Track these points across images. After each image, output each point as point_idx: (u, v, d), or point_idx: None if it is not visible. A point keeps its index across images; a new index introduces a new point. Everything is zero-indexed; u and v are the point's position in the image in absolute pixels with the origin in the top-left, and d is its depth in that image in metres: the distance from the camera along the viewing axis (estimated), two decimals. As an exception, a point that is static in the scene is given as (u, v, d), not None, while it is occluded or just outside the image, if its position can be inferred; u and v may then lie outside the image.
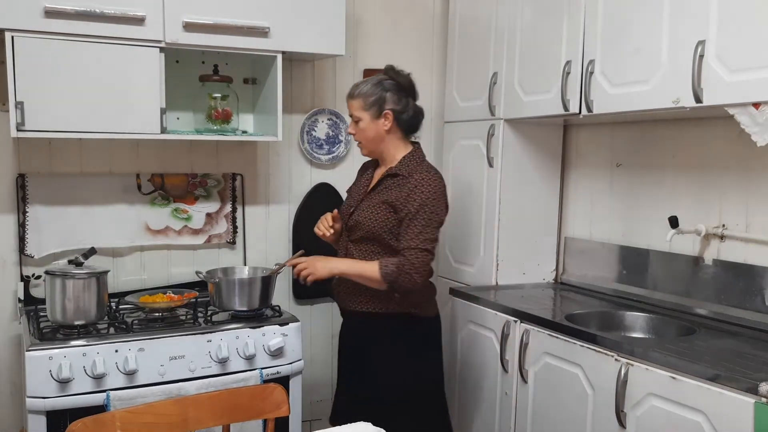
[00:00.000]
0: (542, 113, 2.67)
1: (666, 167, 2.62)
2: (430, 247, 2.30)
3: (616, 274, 2.80)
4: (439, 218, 2.34)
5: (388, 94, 2.39)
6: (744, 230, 2.34)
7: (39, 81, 2.32)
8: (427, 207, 2.29)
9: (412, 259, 2.27)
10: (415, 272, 2.26)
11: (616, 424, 2.06)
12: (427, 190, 2.30)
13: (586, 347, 2.19)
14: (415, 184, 2.31)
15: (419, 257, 2.27)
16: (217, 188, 3.00)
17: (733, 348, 2.07)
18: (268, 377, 2.45)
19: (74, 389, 2.19)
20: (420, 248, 2.27)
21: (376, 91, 2.38)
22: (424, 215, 2.29)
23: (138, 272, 2.88)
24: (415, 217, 2.29)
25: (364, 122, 2.39)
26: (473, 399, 2.79)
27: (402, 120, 2.42)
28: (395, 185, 2.37)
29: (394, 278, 2.27)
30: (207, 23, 2.54)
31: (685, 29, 2.09)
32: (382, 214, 2.35)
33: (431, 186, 2.31)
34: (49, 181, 2.69)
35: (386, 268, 2.28)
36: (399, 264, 2.27)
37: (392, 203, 2.34)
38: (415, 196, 2.29)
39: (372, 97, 2.37)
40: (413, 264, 2.26)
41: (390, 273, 2.27)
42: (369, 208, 2.39)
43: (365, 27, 3.27)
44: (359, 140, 2.45)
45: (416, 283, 2.28)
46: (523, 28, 2.77)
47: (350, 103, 2.42)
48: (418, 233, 2.28)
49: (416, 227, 2.28)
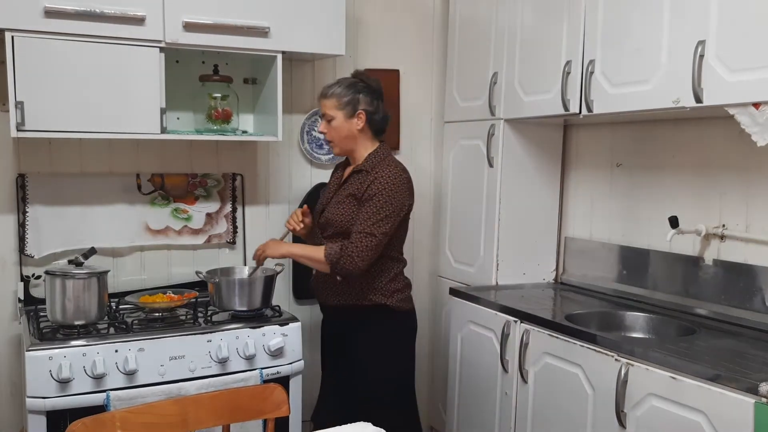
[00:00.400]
0: (542, 113, 2.67)
1: (666, 167, 2.62)
2: (376, 232, 2.37)
3: (616, 274, 2.80)
4: (394, 208, 2.40)
5: (361, 96, 2.48)
6: (744, 230, 2.34)
7: (39, 81, 2.33)
8: (381, 195, 2.38)
9: (356, 242, 2.36)
10: (356, 255, 2.35)
11: (616, 424, 2.06)
12: (384, 181, 2.40)
13: (586, 347, 2.19)
14: (375, 176, 2.42)
15: (363, 241, 2.36)
16: (217, 188, 3.00)
17: (733, 348, 2.07)
18: (268, 377, 2.45)
19: (74, 389, 2.19)
20: (365, 232, 2.36)
21: (350, 92, 2.47)
22: (376, 203, 2.38)
23: (138, 272, 2.88)
24: (367, 204, 2.39)
25: (337, 121, 2.48)
26: (473, 399, 2.79)
27: (374, 121, 2.51)
28: (359, 180, 2.47)
29: (335, 259, 2.37)
30: (207, 23, 2.54)
31: (685, 29, 2.09)
32: (348, 208, 2.45)
33: (389, 177, 2.41)
34: (49, 181, 2.69)
35: (330, 249, 2.39)
36: (342, 246, 2.38)
37: (354, 194, 2.44)
38: (373, 185, 2.40)
39: (345, 97, 2.47)
40: (356, 246, 2.35)
41: (332, 254, 2.38)
42: (336, 204, 2.50)
43: (365, 27, 3.27)
44: (331, 139, 2.53)
45: (357, 266, 2.36)
46: (523, 28, 2.77)
47: (323, 102, 2.50)
48: (366, 219, 2.38)
49: (366, 213, 2.38)
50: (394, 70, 3.33)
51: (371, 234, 2.37)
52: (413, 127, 3.41)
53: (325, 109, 2.49)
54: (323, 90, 2.51)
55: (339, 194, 2.53)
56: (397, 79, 3.33)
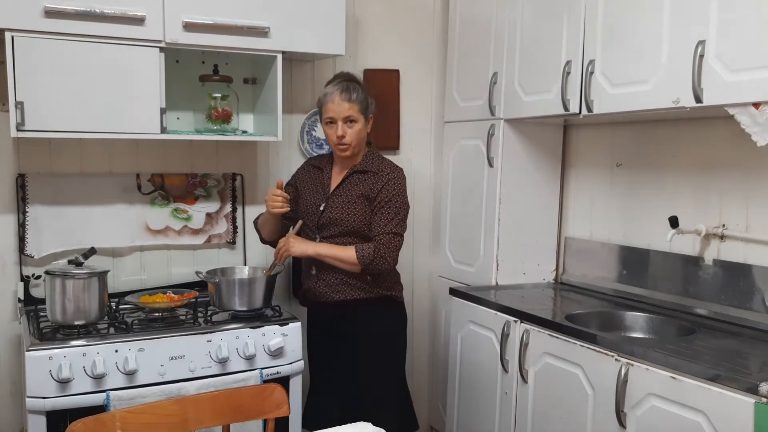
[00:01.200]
0: (542, 113, 2.67)
1: (666, 167, 2.62)
2: (401, 231, 2.53)
3: (616, 274, 2.80)
4: (407, 209, 2.58)
5: (370, 99, 2.59)
6: (744, 230, 2.34)
7: (39, 81, 2.33)
8: (398, 198, 2.53)
9: (386, 243, 2.48)
10: (389, 255, 2.48)
11: (616, 424, 2.06)
12: (397, 183, 2.54)
13: (586, 347, 2.19)
14: (388, 178, 2.54)
15: (393, 241, 2.50)
16: (217, 188, 3.00)
17: (733, 348, 2.07)
18: (268, 377, 2.45)
19: (74, 389, 2.19)
20: (393, 233, 2.50)
21: (365, 97, 2.56)
22: (395, 204, 2.52)
23: (138, 272, 2.88)
24: (387, 206, 2.51)
25: (359, 125, 2.54)
26: (473, 399, 2.79)
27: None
28: (366, 180, 2.54)
29: (370, 261, 2.46)
30: (207, 23, 2.54)
31: (685, 29, 2.09)
32: (360, 208, 2.52)
33: (399, 179, 2.56)
34: (49, 181, 2.69)
35: (362, 251, 2.47)
36: (375, 248, 2.47)
37: (367, 195, 2.52)
38: (389, 187, 2.52)
39: (365, 102, 2.55)
40: (388, 247, 2.48)
41: (367, 256, 2.46)
42: (344, 204, 2.52)
43: (365, 27, 3.27)
44: (350, 142, 2.53)
45: (389, 265, 2.51)
46: (523, 28, 2.77)
47: (348, 105, 2.51)
48: (391, 219, 2.50)
49: (389, 214, 2.51)
50: (394, 70, 3.33)
51: (398, 234, 2.52)
52: (413, 127, 3.41)
53: (351, 112, 2.51)
54: (345, 94, 2.50)
55: (342, 195, 2.54)
56: (397, 79, 3.33)
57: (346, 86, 2.52)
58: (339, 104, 2.50)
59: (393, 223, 2.50)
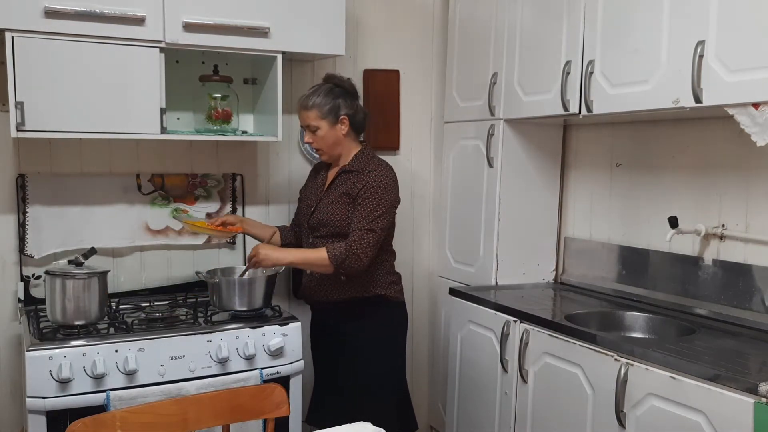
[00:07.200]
0: (542, 113, 2.68)
1: (666, 167, 2.62)
2: (376, 228, 2.45)
3: (616, 274, 2.80)
4: (389, 204, 2.50)
5: (340, 101, 2.53)
6: (744, 230, 2.34)
7: (39, 81, 2.33)
8: (376, 193, 2.46)
9: (359, 239, 2.43)
10: (361, 252, 2.42)
11: (616, 424, 2.06)
12: (377, 180, 2.48)
13: (586, 347, 2.19)
14: (368, 175, 2.50)
15: (365, 237, 2.43)
16: (217, 188, 3.00)
17: (733, 348, 2.07)
18: (268, 377, 2.45)
19: (74, 389, 2.19)
20: (366, 229, 2.43)
21: (329, 99, 2.51)
22: (372, 200, 2.45)
23: (138, 272, 2.88)
24: (365, 202, 2.46)
25: (323, 130, 2.52)
26: (473, 399, 2.79)
27: (355, 122, 2.57)
28: (350, 179, 2.53)
29: (342, 260, 2.41)
30: (207, 23, 2.54)
31: (684, 29, 2.09)
32: (343, 207, 2.51)
33: (381, 176, 2.49)
34: (49, 181, 2.69)
35: (335, 250, 2.42)
36: (347, 245, 2.42)
37: (348, 193, 2.50)
38: (367, 184, 2.47)
39: (327, 105, 2.51)
40: (360, 244, 2.42)
41: (338, 255, 2.41)
42: (329, 204, 2.54)
43: (365, 27, 3.27)
44: (319, 147, 2.57)
45: (363, 262, 2.43)
46: (523, 28, 2.77)
47: (305, 114, 2.53)
48: (365, 216, 2.45)
49: (365, 210, 2.45)
50: (394, 70, 3.33)
51: (372, 230, 2.44)
52: (413, 127, 3.42)
53: (308, 120, 2.52)
54: (302, 102, 2.53)
55: (329, 195, 2.56)
56: (397, 79, 3.33)
57: (309, 93, 2.54)
58: (300, 112, 2.56)
59: (368, 219, 2.44)
